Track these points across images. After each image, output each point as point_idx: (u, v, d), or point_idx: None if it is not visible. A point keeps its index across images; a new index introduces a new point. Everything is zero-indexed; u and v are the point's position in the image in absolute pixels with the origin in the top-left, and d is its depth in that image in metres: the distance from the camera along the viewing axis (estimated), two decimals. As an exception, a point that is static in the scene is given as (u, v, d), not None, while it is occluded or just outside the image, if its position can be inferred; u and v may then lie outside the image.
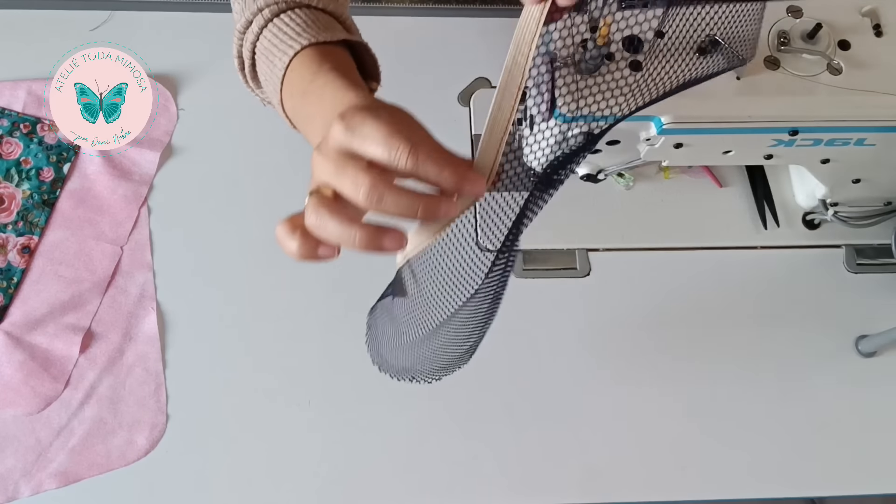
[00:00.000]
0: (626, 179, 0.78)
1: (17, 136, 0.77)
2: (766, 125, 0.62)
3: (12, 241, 0.74)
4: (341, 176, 0.37)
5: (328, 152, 0.38)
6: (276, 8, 0.52)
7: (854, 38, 0.60)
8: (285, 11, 0.52)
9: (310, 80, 0.48)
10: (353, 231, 0.37)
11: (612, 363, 0.73)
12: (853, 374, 0.74)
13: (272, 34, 0.51)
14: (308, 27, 0.50)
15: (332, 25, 0.53)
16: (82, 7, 0.83)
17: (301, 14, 0.52)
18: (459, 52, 0.85)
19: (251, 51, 0.53)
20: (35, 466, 0.67)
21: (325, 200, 0.38)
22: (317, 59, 0.49)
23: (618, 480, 0.69)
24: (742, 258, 0.78)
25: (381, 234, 0.37)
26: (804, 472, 0.70)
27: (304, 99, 0.48)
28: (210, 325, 0.73)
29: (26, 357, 0.69)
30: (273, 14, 0.51)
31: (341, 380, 0.72)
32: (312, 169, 0.39)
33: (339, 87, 0.45)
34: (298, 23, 0.51)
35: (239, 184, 0.78)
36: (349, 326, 0.73)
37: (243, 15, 0.53)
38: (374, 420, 0.70)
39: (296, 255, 0.38)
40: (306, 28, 0.50)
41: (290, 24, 0.51)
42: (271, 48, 0.51)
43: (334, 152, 0.38)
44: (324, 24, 0.52)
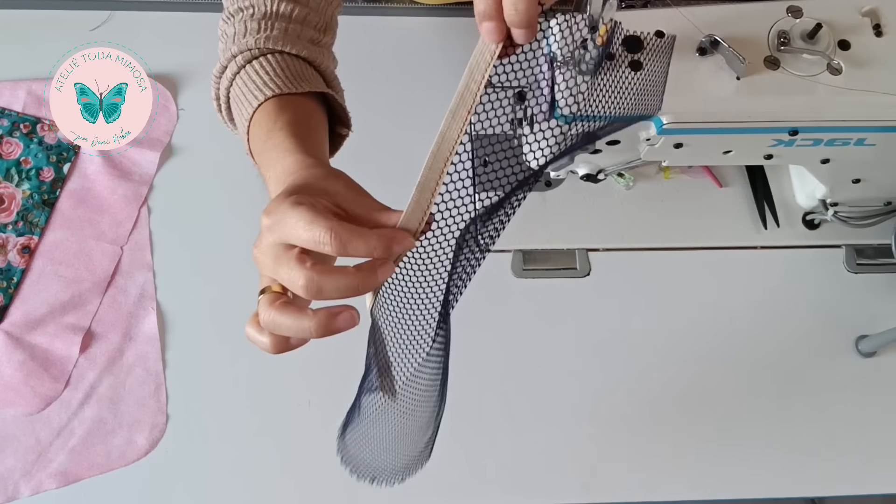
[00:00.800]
0: (626, 179, 0.78)
1: (17, 136, 0.77)
2: (766, 125, 0.62)
3: (12, 241, 0.74)
4: (279, 272, 0.38)
5: (263, 248, 0.39)
6: (248, 55, 0.52)
7: (854, 38, 0.60)
8: (257, 58, 0.52)
9: (265, 136, 0.48)
10: (306, 323, 0.37)
11: (611, 363, 0.73)
12: (853, 374, 0.74)
13: (242, 82, 0.51)
14: (276, 77, 0.50)
15: (304, 73, 0.52)
16: (82, 7, 0.83)
17: (272, 61, 0.51)
18: (459, 52, 0.85)
19: (226, 95, 0.54)
20: (35, 466, 0.67)
21: (273, 298, 0.39)
22: (274, 112, 0.49)
23: (618, 480, 0.69)
24: (742, 258, 0.78)
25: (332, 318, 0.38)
26: (804, 472, 0.70)
27: (260, 156, 0.49)
28: (210, 324, 0.72)
29: (26, 357, 0.69)
30: (245, 61, 0.52)
31: (342, 380, 0.71)
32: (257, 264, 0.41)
33: (284, 149, 0.46)
34: (267, 71, 0.51)
35: (239, 184, 0.78)
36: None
37: (222, 58, 0.53)
38: (374, 420, 0.70)
39: (270, 350, 0.40)
40: (273, 78, 0.50)
41: (259, 73, 0.51)
42: (241, 96, 0.51)
43: (267, 247, 0.39)
44: (294, 73, 0.51)
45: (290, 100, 0.50)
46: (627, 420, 0.71)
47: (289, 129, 0.47)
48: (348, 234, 0.37)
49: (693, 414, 0.72)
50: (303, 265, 0.37)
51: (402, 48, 0.85)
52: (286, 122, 0.48)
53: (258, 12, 0.53)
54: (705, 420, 0.72)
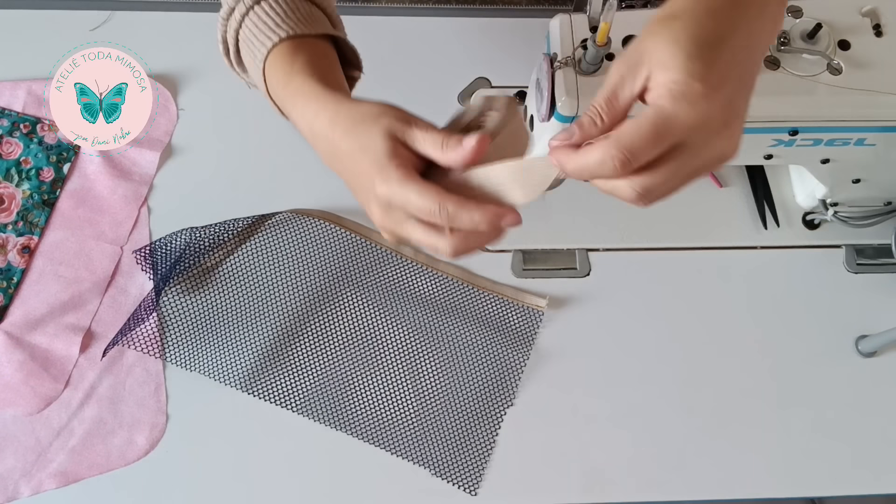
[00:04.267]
0: (626, 179, 0.78)
1: (17, 136, 0.77)
2: (766, 125, 0.62)
3: (12, 241, 0.74)
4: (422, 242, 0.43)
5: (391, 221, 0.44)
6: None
7: (854, 38, 0.60)
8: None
9: (286, 78, 0.49)
10: None
11: (611, 363, 0.73)
12: (853, 374, 0.74)
13: (252, 23, 0.51)
14: (287, 17, 0.50)
15: (313, 16, 0.53)
16: (82, 7, 0.83)
17: (282, 3, 0.51)
18: (459, 52, 0.85)
19: (234, 37, 0.53)
20: (35, 466, 0.67)
21: None
22: (290, 54, 0.49)
23: (618, 480, 0.69)
24: (742, 258, 0.78)
25: None
26: (804, 472, 0.70)
27: (285, 99, 0.50)
28: (210, 325, 0.72)
29: (26, 357, 0.69)
30: (254, 1, 0.51)
31: (341, 380, 0.71)
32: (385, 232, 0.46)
33: (310, 92, 0.47)
34: (278, 12, 0.51)
35: (239, 184, 0.78)
36: (349, 325, 0.73)
37: (226, 0, 0.53)
38: (374, 420, 0.70)
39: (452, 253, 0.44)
40: (285, 19, 0.50)
41: (270, 14, 0.51)
42: (251, 38, 0.51)
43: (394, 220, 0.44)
44: (304, 14, 0.52)
45: (304, 41, 0.50)
46: (627, 420, 0.71)
47: (308, 70, 0.48)
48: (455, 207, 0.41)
49: (693, 414, 0.72)
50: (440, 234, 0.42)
51: (402, 48, 0.85)
52: (304, 62, 0.49)
53: None
54: (705, 420, 0.72)
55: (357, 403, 0.70)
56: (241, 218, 0.74)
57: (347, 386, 0.71)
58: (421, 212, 0.41)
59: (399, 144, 0.43)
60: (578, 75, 0.59)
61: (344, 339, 0.72)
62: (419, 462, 0.68)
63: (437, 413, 0.70)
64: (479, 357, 0.72)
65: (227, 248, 0.75)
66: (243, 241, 0.75)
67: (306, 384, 0.70)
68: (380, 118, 0.43)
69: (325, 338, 0.72)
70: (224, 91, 0.81)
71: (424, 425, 0.70)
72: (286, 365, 0.71)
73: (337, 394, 0.70)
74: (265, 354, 0.71)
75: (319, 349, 0.72)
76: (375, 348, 0.72)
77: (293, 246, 0.75)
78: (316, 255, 0.75)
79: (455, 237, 0.42)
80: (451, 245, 0.43)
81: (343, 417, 0.69)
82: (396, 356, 0.72)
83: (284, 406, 0.70)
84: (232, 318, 0.72)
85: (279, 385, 0.70)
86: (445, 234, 0.42)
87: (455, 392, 0.71)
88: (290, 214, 0.76)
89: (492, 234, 0.43)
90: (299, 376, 0.71)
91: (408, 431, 0.69)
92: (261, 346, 0.71)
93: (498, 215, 0.41)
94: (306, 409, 0.70)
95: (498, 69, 0.84)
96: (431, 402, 0.70)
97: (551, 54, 0.60)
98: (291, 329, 0.72)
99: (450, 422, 0.70)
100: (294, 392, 0.70)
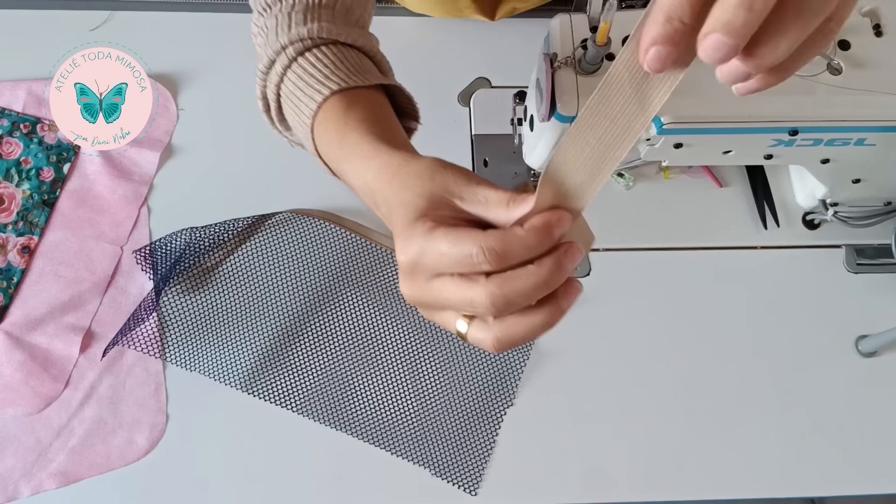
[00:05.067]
0: (626, 179, 0.78)
1: (17, 136, 0.77)
2: (766, 125, 0.62)
3: (12, 241, 0.74)
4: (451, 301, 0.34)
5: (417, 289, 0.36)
6: (300, 46, 0.47)
7: (854, 38, 0.60)
8: (310, 49, 0.47)
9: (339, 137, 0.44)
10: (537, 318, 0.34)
11: (611, 363, 0.73)
12: (853, 374, 0.74)
13: (296, 76, 0.46)
14: (336, 69, 0.46)
15: (362, 64, 0.48)
16: (82, 7, 0.83)
17: (328, 53, 0.47)
18: (459, 52, 0.85)
19: (276, 92, 0.48)
20: (35, 466, 0.67)
21: None
22: (342, 110, 0.44)
23: (618, 480, 0.69)
24: (742, 258, 0.78)
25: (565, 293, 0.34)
26: (804, 472, 0.70)
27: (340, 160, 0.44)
28: (210, 325, 0.72)
29: (26, 357, 0.69)
30: (297, 52, 0.47)
31: (341, 380, 0.71)
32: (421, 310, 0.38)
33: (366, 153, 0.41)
34: (326, 63, 0.46)
35: (239, 184, 0.78)
36: (349, 325, 0.73)
37: (266, 53, 0.48)
38: (374, 420, 0.70)
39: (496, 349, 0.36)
40: (334, 70, 0.46)
41: (316, 66, 0.46)
42: (296, 93, 0.46)
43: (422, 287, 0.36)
44: (353, 63, 0.47)
45: (356, 94, 0.45)
46: (627, 420, 0.71)
47: (364, 128, 0.43)
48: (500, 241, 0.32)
49: (692, 413, 0.72)
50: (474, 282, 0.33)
51: (403, 48, 0.85)
52: (359, 118, 0.44)
53: (300, 3, 0.48)
54: (705, 419, 0.72)
55: (357, 403, 0.70)
56: (241, 218, 0.74)
57: (347, 386, 0.71)
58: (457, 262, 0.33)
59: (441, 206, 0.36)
60: (578, 75, 0.59)
61: (344, 339, 0.72)
62: (419, 462, 0.68)
63: (437, 413, 0.70)
64: (479, 357, 0.72)
65: (227, 248, 0.75)
66: (243, 241, 0.75)
67: (306, 384, 0.70)
68: (436, 175, 0.37)
69: (325, 338, 0.72)
70: (224, 91, 0.81)
71: (424, 425, 0.70)
72: (286, 365, 0.71)
73: (337, 394, 0.70)
74: (265, 354, 0.71)
75: (319, 349, 0.72)
76: (375, 348, 0.72)
77: (293, 246, 0.75)
78: (316, 255, 0.75)
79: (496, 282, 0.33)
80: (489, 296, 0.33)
81: (343, 417, 0.69)
82: (396, 356, 0.72)
83: (284, 406, 0.70)
84: (232, 318, 0.72)
85: (279, 385, 0.70)
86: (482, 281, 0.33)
87: (455, 392, 0.71)
88: (290, 214, 0.76)
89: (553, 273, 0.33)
90: (299, 376, 0.71)
91: (408, 431, 0.69)
92: (261, 346, 0.71)
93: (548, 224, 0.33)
94: (306, 409, 0.70)
95: (498, 69, 0.84)
96: (431, 402, 0.70)
97: (551, 54, 0.60)
98: (291, 329, 0.72)
99: (450, 422, 0.70)
100: (294, 392, 0.70)
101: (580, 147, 0.33)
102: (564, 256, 0.33)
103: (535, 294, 0.33)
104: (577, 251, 0.34)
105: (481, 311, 0.34)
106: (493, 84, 0.83)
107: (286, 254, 0.75)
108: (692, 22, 0.29)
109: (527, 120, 0.70)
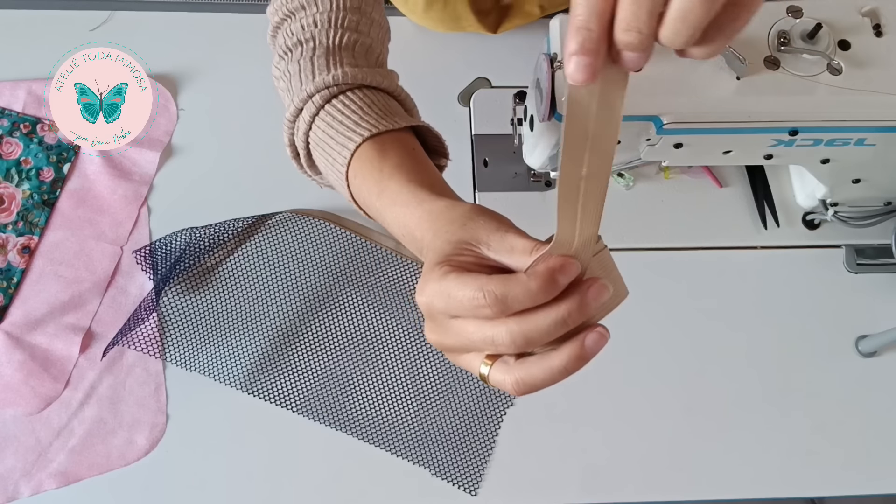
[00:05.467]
0: (626, 179, 0.78)
1: (17, 136, 0.77)
2: (766, 125, 0.62)
3: (12, 241, 0.74)
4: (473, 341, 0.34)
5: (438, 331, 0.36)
6: (326, 93, 0.47)
7: (854, 38, 0.60)
8: (337, 96, 0.47)
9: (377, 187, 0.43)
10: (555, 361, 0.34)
11: (611, 363, 0.73)
12: (853, 374, 0.74)
13: (326, 124, 0.46)
14: (365, 115, 0.46)
15: (389, 106, 0.48)
16: (82, 7, 0.83)
17: (355, 98, 0.47)
18: (460, 52, 0.85)
19: (304, 140, 0.49)
20: (35, 466, 0.67)
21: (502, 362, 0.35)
22: (377, 158, 0.44)
23: (618, 480, 0.69)
24: (742, 258, 0.78)
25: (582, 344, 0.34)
26: (804, 472, 0.70)
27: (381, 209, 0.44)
28: (210, 325, 0.72)
29: (26, 357, 0.69)
30: (324, 100, 0.47)
31: (341, 380, 0.71)
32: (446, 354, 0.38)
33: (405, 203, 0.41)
34: (354, 109, 0.46)
35: (239, 184, 0.78)
36: (349, 325, 0.73)
37: (292, 102, 0.48)
38: (374, 420, 0.70)
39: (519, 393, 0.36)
40: (363, 116, 0.46)
41: (345, 112, 0.46)
42: (327, 140, 0.46)
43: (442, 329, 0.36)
44: (381, 107, 0.47)
45: (388, 139, 0.45)
46: (627, 419, 0.71)
47: (401, 175, 0.43)
48: (501, 285, 0.32)
49: (692, 413, 0.72)
50: (493, 322, 0.33)
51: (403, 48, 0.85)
52: (394, 166, 0.43)
53: (320, 46, 0.49)
54: (705, 420, 0.72)
55: (357, 403, 0.70)
56: (241, 218, 0.74)
57: (347, 386, 0.71)
58: (462, 305, 0.33)
59: (465, 252, 0.36)
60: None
61: (344, 340, 0.72)
62: (419, 462, 0.68)
63: (437, 413, 0.70)
64: None
65: (227, 248, 0.75)
66: (243, 241, 0.75)
67: (306, 384, 0.70)
68: (468, 222, 0.37)
69: (325, 338, 0.72)
70: (224, 91, 0.81)
71: (424, 425, 0.70)
72: (286, 365, 0.71)
73: (337, 394, 0.70)
74: (265, 354, 0.71)
75: (319, 349, 0.72)
76: (375, 348, 0.72)
77: (293, 246, 0.75)
78: (316, 255, 0.75)
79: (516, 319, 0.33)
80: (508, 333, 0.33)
81: (343, 417, 0.69)
82: (396, 356, 0.72)
83: (284, 406, 0.70)
84: (232, 318, 0.72)
85: (279, 385, 0.70)
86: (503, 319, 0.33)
87: (455, 392, 0.71)
88: (290, 214, 0.76)
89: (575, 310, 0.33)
90: (299, 376, 0.71)
91: (408, 431, 0.69)
92: (261, 346, 0.71)
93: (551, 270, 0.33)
94: (306, 409, 0.70)
95: (498, 69, 0.84)
96: (431, 402, 0.70)
97: (551, 54, 0.60)
98: (291, 329, 0.72)
99: (450, 422, 0.70)
100: (294, 392, 0.70)
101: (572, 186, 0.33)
102: (587, 293, 0.34)
103: (555, 331, 0.33)
104: (603, 288, 0.34)
105: (502, 349, 0.34)
106: (493, 84, 0.83)
107: (286, 254, 0.75)
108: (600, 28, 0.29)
109: (527, 120, 0.70)
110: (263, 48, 0.56)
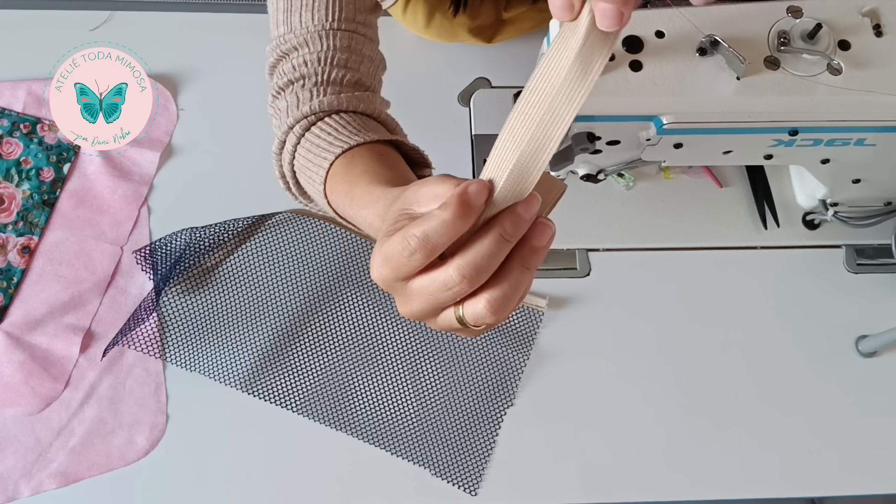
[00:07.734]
0: (626, 179, 0.78)
1: (17, 136, 0.77)
2: (766, 125, 0.62)
3: (12, 241, 0.74)
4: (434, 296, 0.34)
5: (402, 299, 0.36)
6: (306, 123, 0.49)
7: (854, 38, 0.60)
8: (315, 124, 0.49)
9: (347, 197, 0.45)
10: None
11: (611, 363, 0.73)
12: (853, 374, 0.74)
13: (306, 150, 0.49)
14: (340, 133, 0.48)
15: (366, 124, 0.50)
16: (82, 7, 0.83)
17: (331, 122, 0.49)
18: (459, 52, 0.85)
19: (291, 170, 0.51)
20: (35, 466, 0.67)
21: None
22: (345, 169, 0.45)
23: (618, 480, 0.69)
24: (742, 258, 0.78)
25: None
26: (804, 472, 0.70)
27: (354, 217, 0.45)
28: (210, 325, 0.72)
29: (26, 357, 0.69)
30: (304, 129, 0.49)
31: (341, 380, 0.71)
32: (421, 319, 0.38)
33: (379, 196, 0.42)
34: (329, 132, 0.48)
35: (239, 184, 0.78)
36: (349, 325, 0.73)
37: (277, 134, 0.51)
38: (374, 420, 0.70)
39: None
40: (337, 136, 0.47)
41: (321, 136, 0.48)
42: (308, 164, 0.48)
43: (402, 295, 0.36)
44: (357, 125, 0.49)
45: (357, 151, 0.47)
46: (627, 419, 0.71)
47: (368, 178, 0.44)
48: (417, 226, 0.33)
49: (693, 414, 0.72)
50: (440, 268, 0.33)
51: (403, 48, 0.85)
52: (361, 172, 0.45)
53: (309, 82, 0.51)
54: (705, 420, 0.72)
55: (357, 403, 0.70)
56: (241, 218, 0.74)
57: (347, 386, 0.71)
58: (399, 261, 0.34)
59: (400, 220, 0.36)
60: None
61: (344, 339, 0.72)
62: (419, 462, 0.68)
63: (437, 413, 0.70)
64: (479, 357, 0.72)
65: (227, 248, 0.75)
66: (243, 241, 0.75)
67: (306, 384, 0.70)
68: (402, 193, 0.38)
69: (326, 338, 0.72)
70: (224, 91, 0.81)
71: (425, 425, 0.70)
72: (286, 365, 0.71)
73: (337, 394, 0.70)
74: (265, 354, 0.71)
75: (319, 349, 0.72)
76: (375, 348, 0.72)
77: (293, 246, 0.75)
78: (316, 255, 0.75)
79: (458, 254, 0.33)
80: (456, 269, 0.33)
81: (343, 417, 0.69)
82: (396, 356, 0.72)
83: (284, 406, 0.70)
84: (232, 318, 0.72)
85: (279, 385, 0.70)
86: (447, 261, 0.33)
87: (455, 392, 0.71)
88: (290, 214, 0.76)
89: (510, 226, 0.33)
90: (299, 376, 0.71)
91: (408, 431, 0.69)
92: (261, 346, 0.71)
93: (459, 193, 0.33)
94: (306, 409, 0.70)
95: (498, 69, 0.84)
96: (431, 403, 0.70)
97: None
98: (291, 329, 0.72)
99: (450, 422, 0.70)
100: (294, 392, 0.70)
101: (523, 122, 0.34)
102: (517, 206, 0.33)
103: (500, 249, 0.33)
104: (533, 199, 0.34)
105: (458, 288, 0.34)
106: (493, 84, 0.83)
107: (286, 254, 0.75)
108: None
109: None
110: (264, 48, 0.56)
